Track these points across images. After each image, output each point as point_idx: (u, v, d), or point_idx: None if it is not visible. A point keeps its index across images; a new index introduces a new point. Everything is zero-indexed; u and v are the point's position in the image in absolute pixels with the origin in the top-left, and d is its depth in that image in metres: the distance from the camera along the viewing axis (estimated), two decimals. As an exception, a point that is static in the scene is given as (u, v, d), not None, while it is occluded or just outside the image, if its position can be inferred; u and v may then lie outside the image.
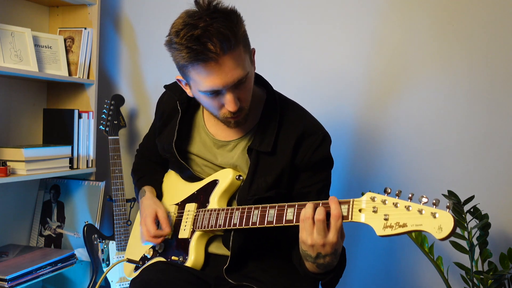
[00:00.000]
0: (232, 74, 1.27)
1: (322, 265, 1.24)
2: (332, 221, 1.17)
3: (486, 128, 2.04)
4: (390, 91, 2.17)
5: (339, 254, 1.24)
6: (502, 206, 2.01)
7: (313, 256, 1.22)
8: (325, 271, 1.26)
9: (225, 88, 1.29)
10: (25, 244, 2.45)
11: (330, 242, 1.18)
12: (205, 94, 1.33)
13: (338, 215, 1.17)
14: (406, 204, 1.08)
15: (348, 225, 2.24)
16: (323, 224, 1.17)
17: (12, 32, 2.13)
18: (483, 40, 2.04)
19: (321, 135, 1.44)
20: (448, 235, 1.02)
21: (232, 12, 1.29)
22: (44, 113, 2.46)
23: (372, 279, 2.23)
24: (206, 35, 1.22)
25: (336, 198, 1.19)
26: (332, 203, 1.18)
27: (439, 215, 1.04)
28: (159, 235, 1.49)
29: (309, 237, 1.19)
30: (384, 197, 1.12)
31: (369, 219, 1.13)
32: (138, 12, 2.60)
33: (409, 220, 1.07)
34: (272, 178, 1.41)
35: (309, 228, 1.19)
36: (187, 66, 1.29)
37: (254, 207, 1.34)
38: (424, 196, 1.07)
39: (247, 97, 1.36)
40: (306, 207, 1.21)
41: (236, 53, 1.27)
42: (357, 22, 2.20)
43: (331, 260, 1.22)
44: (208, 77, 1.27)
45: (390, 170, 2.17)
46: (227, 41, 1.23)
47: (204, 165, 1.54)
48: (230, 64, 1.26)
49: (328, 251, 1.19)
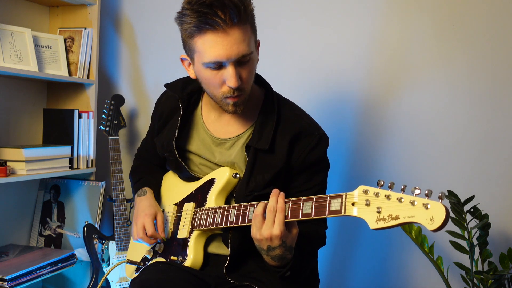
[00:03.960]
0: (237, 47, 1.29)
1: (276, 257, 1.30)
2: (272, 214, 1.25)
3: (486, 128, 2.04)
4: (391, 91, 2.17)
5: (291, 247, 1.29)
6: (502, 206, 2.01)
7: (265, 249, 1.30)
8: (281, 263, 1.32)
9: (228, 61, 1.30)
10: (25, 244, 2.45)
11: (274, 234, 1.25)
12: (208, 66, 1.33)
13: (280, 208, 1.25)
14: (398, 196, 1.07)
15: (347, 225, 2.25)
16: (259, 218, 1.26)
17: (12, 32, 2.13)
18: (483, 40, 2.04)
19: (317, 135, 1.45)
20: (440, 226, 1.01)
21: None
22: (44, 113, 2.47)
23: (372, 279, 2.23)
24: (218, 2, 1.26)
25: (277, 190, 1.28)
26: (272, 195, 1.27)
27: (431, 206, 1.03)
28: (155, 237, 1.50)
29: (258, 232, 1.27)
30: (376, 189, 1.12)
31: (362, 213, 1.12)
32: (138, 12, 2.60)
33: (401, 212, 1.06)
34: (269, 175, 1.41)
35: (258, 224, 1.27)
36: (193, 34, 1.30)
37: (250, 205, 1.35)
38: (416, 188, 1.06)
39: (248, 79, 1.37)
40: (257, 206, 1.29)
41: (244, 27, 1.30)
42: (357, 22, 2.20)
43: (282, 252, 1.29)
44: (213, 46, 1.29)
45: (390, 170, 2.17)
46: (238, 12, 1.26)
47: (202, 164, 1.55)
48: (237, 36, 1.28)
49: (276, 243, 1.26)
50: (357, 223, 2.19)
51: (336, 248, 2.24)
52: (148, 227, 1.50)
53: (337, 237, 2.21)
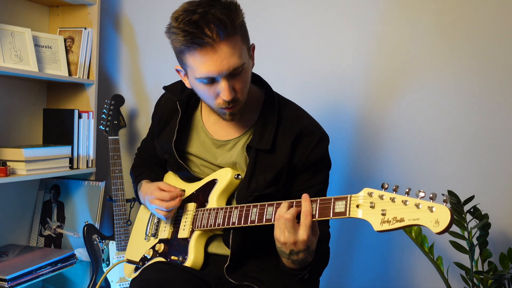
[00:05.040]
0: (228, 61, 1.28)
1: (297, 261, 1.29)
2: (302, 218, 1.22)
3: (486, 128, 2.04)
4: (391, 91, 2.17)
5: (313, 250, 1.28)
6: (502, 206, 2.01)
7: (287, 253, 1.27)
8: (301, 266, 1.31)
9: (220, 76, 1.30)
10: (25, 244, 2.45)
11: (300, 239, 1.22)
12: (201, 82, 1.34)
13: (307, 212, 1.21)
14: (403, 199, 1.08)
15: (347, 225, 2.25)
16: (292, 223, 1.22)
17: (12, 32, 2.13)
18: (483, 40, 2.04)
19: (318, 134, 1.45)
20: (445, 228, 1.02)
21: (231, 3, 1.31)
22: (44, 113, 2.47)
23: (372, 279, 2.23)
24: (203, 20, 1.25)
25: (307, 196, 1.23)
26: (303, 201, 1.23)
27: (436, 209, 1.03)
28: (175, 195, 1.46)
29: (282, 235, 1.24)
30: (381, 192, 1.12)
31: (366, 215, 1.13)
32: (138, 12, 2.60)
33: (406, 214, 1.06)
34: (271, 176, 1.41)
35: (282, 226, 1.24)
36: (183, 51, 1.31)
37: (253, 205, 1.35)
38: (421, 191, 1.07)
39: (242, 89, 1.36)
40: (281, 206, 1.26)
41: (232, 41, 1.28)
42: (357, 22, 2.20)
43: (305, 256, 1.27)
44: (203, 63, 1.29)
45: (390, 169, 2.17)
46: (224, 27, 1.25)
47: (203, 165, 1.55)
48: (226, 51, 1.27)
49: (300, 248, 1.24)
50: (358, 223, 2.20)
51: (336, 248, 2.23)
52: (162, 196, 1.47)
53: (337, 237, 2.21)
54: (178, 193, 1.48)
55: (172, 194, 1.47)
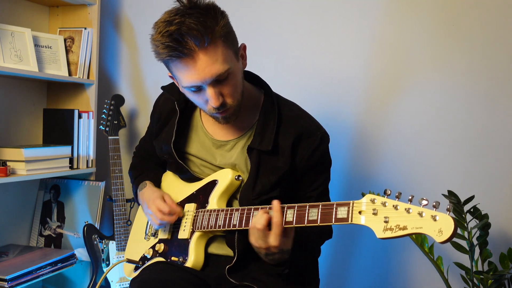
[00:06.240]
0: (209, 70, 1.28)
1: (273, 260, 1.35)
2: (273, 227, 1.26)
3: (486, 128, 2.04)
4: (390, 92, 2.17)
5: (288, 250, 1.32)
6: (502, 206, 2.01)
7: (263, 254, 1.34)
8: (279, 263, 1.36)
9: (205, 84, 1.30)
10: (25, 244, 2.45)
11: (272, 246, 1.28)
12: (189, 90, 1.35)
13: (277, 223, 1.26)
14: (406, 207, 1.08)
15: (348, 226, 2.24)
16: (264, 232, 1.27)
17: (12, 32, 2.13)
18: (483, 41, 2.03)
19: (319, 136, 1.45)
20: (449, 238, 1.02)
21: (211, 7, 1.30)
22: (44, 113, 2.47)
23: (372, 279, 2.23)
24: (179, 31, 1.24)
25: (278, 206, 1.27)
26: (274, 211, 1.27)
27: (440, 218, 1.03)
28: (173, 212, 1.48)
29: (255, 242, 1.31)
30: (384, 199, 1.12)
31: (369, 222, 1.13)
32: (138, 12, 2.59)
33: (409, 222, 1.07)
34: (275, 178, 1.41)
35: (255, 234, 1.30)
36: (167, 62, 1.32)
37: (254, 208, 1.35)
38: (424, 199, 1.06)
39: (232, 93, 1.35)
40: (255, 216, 1.31)
41: (212, 48, 1.27)
42: (357, 23, 2.20)
43: (280, 256, 1.33)
44: (186, 73, 1.29)
45: (390, 170, 2.17)
46: (200, 36, 1.24)
47: (203, 165, 1.54)
48: (206, 59, 1.27)
49: (273, 251, 1.30)
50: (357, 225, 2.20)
51: (336, 248, 2.24)
52: (162, 207, 1.48)
53: (337, 237, 2.20)
54: (176, 211, 1.49)
55: (171, 210, 1.48)
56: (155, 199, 1.51)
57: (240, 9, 2.32)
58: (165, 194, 1.55)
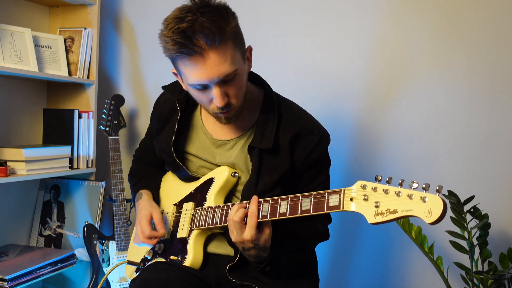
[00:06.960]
0: (218, 69, 1.28)
1: (252, 256, 1.36)
2: (248, 219, 1.29)
3: (486, 128, 2.04)
4: (390, 91, 2.17)
5: (265, 247, 1.32)
6: (502, 206, 2.01)
7: (240, 249, 1.35)
8: (258, 260, 1.37)
9: (212, 83, 1.30)
10: (25, 244, 2.45)
11: (246, 239, 1.28)
12: (194, 88, 1.34)
13: (252, 214, 1.28)
14: (396, 190, 1.08)
15: (347, 225, 2.24)
16: (240, 224, 1.29)
17: (12, 32, 2.13)
18: (483, 41, 2.03)
19: (318, 135, 1.45)
20: (438, 218, 1.01)
21: (223, 8, 1.30)
22: (44, 113, 2.47)
23: (372, 279, 2.23)
24: (191, 29, 1.24)
25: (256, 198, 1.30)
26: (251, 202, 1.30)
27: (429, 199, 1.02)
28: (154, 236, 1.49)
29: (232, 235, 1.32)
30: (374, 184, 1.12)
31: (360, 208, 1.12)
32: (138, 12, 2.60)
33: (399, 206, 1.06)
34: (277, 176, 1.42)
35: (231, 227, 1.31)
36: (175, 58, 1.32)
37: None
38: (414, 182, 1.06)
39: (237, 94, 1.36)
40: (232, 209, 1.32)
41: (222, 48, 1.27)
42: (358, 23, 2.20)
43: (257, 252, 1.33)
44: (194, 71, 1.29)
45: (390, 169, 2.17)
46: (212, 36, 1.24)
47: (201, 165, 1.55)
48: (216, 58, 1.27)
49: (248, 246, 1.30)
50: (357, 222, 2.20)
51: (336, 248, 2.24)
52: (144, 229, 1.49)
53: (337, 237, 2.21)
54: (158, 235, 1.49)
55: (152, 234, 1.49)
56: (141, 218, 1.52)
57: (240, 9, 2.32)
58: (155, 210, 1.54)
